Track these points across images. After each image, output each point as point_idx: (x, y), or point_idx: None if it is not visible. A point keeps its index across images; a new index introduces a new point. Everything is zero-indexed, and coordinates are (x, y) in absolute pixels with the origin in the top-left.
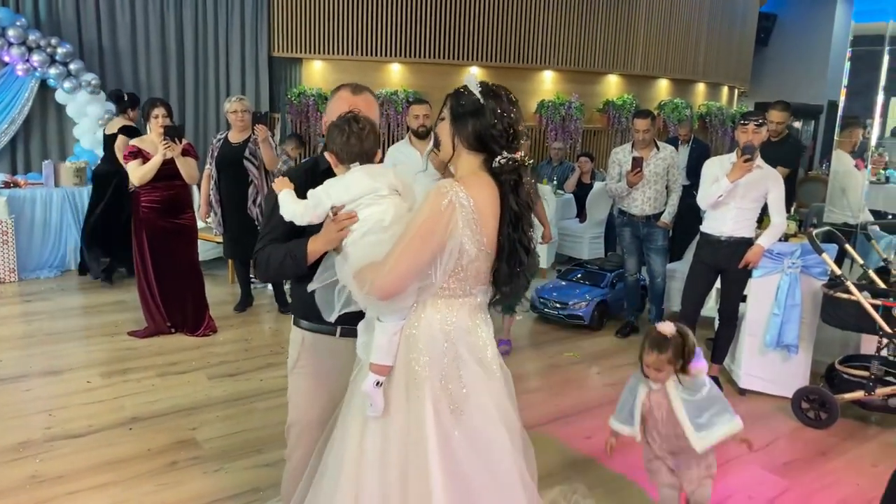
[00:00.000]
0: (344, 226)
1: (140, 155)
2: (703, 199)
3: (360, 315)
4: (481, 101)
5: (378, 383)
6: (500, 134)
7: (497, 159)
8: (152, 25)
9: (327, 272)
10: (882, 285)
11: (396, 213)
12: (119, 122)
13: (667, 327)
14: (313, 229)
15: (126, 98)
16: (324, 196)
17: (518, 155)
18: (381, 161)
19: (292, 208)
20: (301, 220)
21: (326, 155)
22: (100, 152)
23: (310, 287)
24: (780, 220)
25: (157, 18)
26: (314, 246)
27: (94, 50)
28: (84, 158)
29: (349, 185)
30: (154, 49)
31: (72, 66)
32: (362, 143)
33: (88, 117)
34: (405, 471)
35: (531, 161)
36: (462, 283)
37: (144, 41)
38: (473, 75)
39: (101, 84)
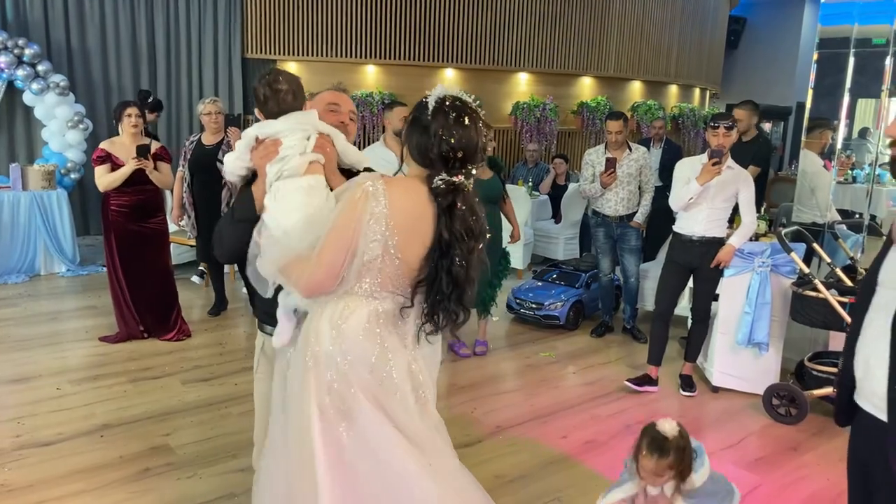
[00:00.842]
0: (268, 150)
1: (108, 160)
2: (674, 200)
3: None
4: (430, 118)
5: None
6: (438, 156)
7: (434, 180)
8: (122, 26)
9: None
10: (849, 283)
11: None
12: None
13: (668, 426)
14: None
15: (150, 100)
16: (250, 131)
17: (456, 178)
18: None
19: (231, 157)
20: (236, 163)
21: (256, 113)
22: (69, 154)
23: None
24: (750, 219)
25: (127, 19)
26: (257, 190)
27: (62, 51)
28: (53, 161)
29: (272, 123)
30: (124, 50)
31: (40, 68)
32: (296, 99)
33: (57, 119)
34: (293, 466)
35: (470, 184)
36: (366, 282)
37: (114, 42)
38: (441, 88)
39: (69, 85)
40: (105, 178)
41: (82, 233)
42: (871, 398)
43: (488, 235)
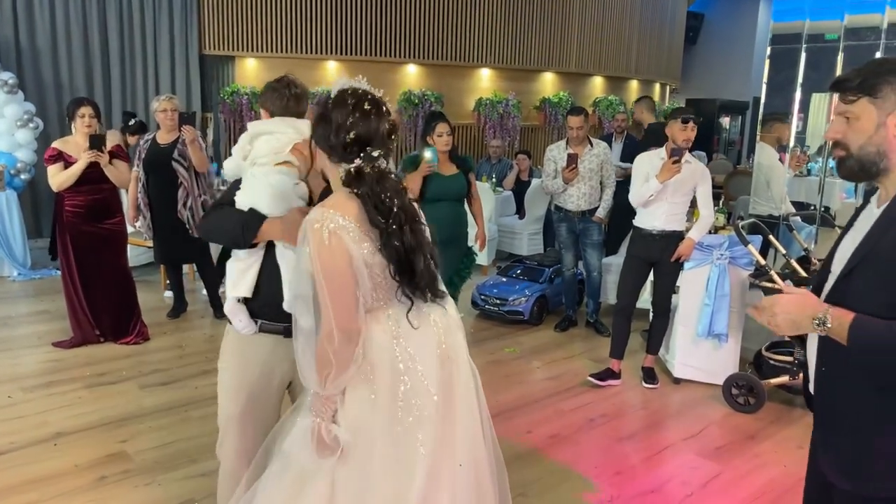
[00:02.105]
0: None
1: (61, 158)
2: (634, 197)
3: (280, 310)
4: (330, 109)
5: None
6: (339, 144)
7: (340, 173)
8: (74, 22)
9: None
10: (803, 274)
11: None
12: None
13: None
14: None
15: (132, 123)
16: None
17: (352, 165)
18: None
19: (230, 162)
20: (235, 166)
21: (262, 110)
22: (19, 154)
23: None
24: (708, 212)
25: (78, 15)
26: (269, 226)
27: (10, 48)
28: (2, 162)
29: (266, 123)
30: (76, 47)
31: None
32: (299, 105)
33: (5, 118)
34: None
35: (376, 165)
36: (385, 292)
37: (65, 39)
38: (342, 80)
39: (18, 84)
40: (58, 178)
41: (34, 235)
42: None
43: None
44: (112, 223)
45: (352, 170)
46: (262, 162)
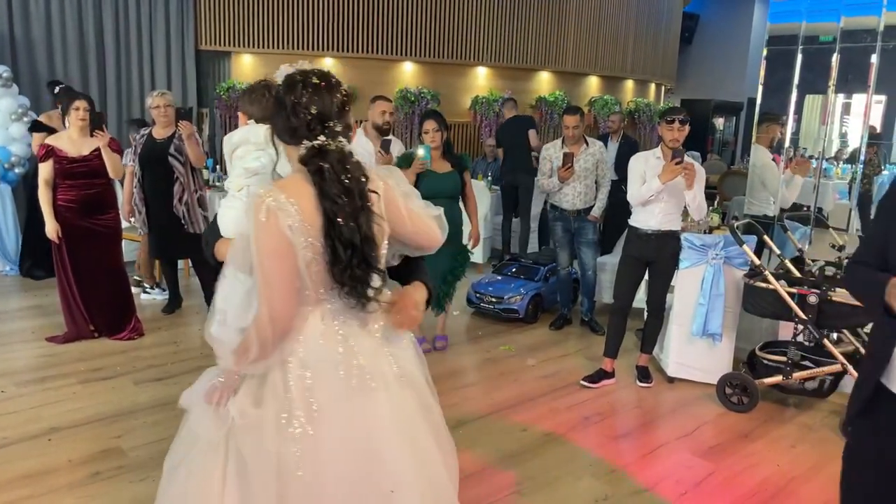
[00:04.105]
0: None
1: (53, 154)
2: (633, 197)
3: None
4: (282, 94)
5: None
6: (297, 124)
7: (301, 150)
8: (69, 15)
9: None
10: (797, 274)
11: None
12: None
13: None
14: None
15: (57, 90)
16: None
17: (317, 141)
18: None
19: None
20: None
21: (240, 114)
22: (13, 148)
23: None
24: (701, 206)
25: (73, 8)
26: (220, 246)
27: (5, 41)
28: None
29: (244, 132)
30: (71, 41)
31: None
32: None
33: (0, 112)
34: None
35: (339, 143)
36: (308, 290)
37: (60, 32)
38: (284, 69)
39: (12, 77)
40: (41, 184)
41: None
42: None
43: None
44: (106, 218)
45: (315, 145)
46: (233, 180)
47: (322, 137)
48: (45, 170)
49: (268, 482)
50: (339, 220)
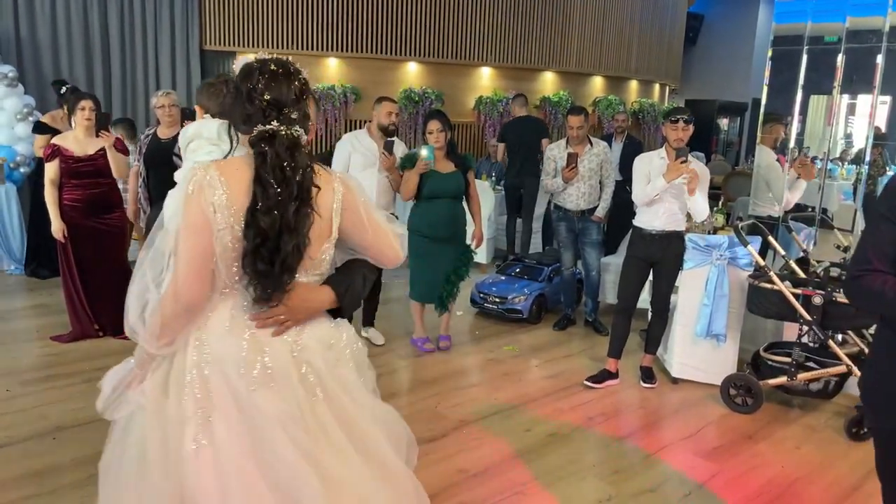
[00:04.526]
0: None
1: (59, 154)
2: (639, 196)
3: None
4: (238, 83)
5: None
6: (252, 111)
7: (253, 132)
8: (74, 15)
9: None
10: (802, 275)
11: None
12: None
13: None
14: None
15: (63, 90)
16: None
17: (269, 126)
18: None
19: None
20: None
21: (197, 108)
22: (18, 148)
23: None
24: (704, 206)
25: (79, 8)
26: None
27: (10, 41)
28: (1, 155)
29: (199, 125)
30: (77, 40)
31: None
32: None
33: (5, 111)
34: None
35: (294, 131)
36: (222, 276)
37: (66, 32)
38: (242, 60)
39: (18, 77)
40: (47, 184)
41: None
42: None
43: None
44: (111, 218)
45: (267, 130)
46: (183, 173)
47: (275, 123)
48: (51, 169)
49: (168, 471)
50: (259, 205)
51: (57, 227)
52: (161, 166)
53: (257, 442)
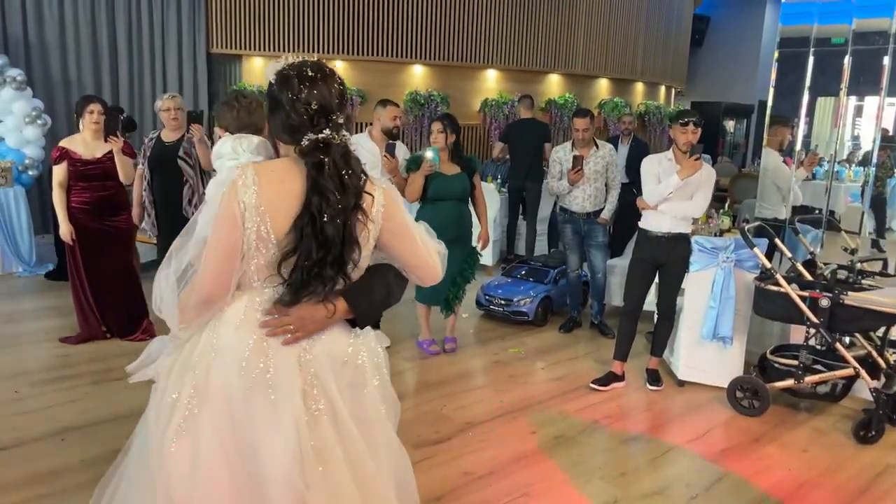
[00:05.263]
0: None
1: (67, 156)
2: (651, 196)
3: None
4: (277, 91)
5: None
6: (299, 120)
7: (300, 143)
8: (82, 19)
9: None
10: (809, 277)
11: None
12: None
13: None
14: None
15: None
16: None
17: (321, 135)
18: None
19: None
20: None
21: (217, 129)
22: (27, 151)
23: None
24: (698, 207)
25: (87, 12)
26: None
27: (19, 45)
28: (10, 158)
29: (222, 144)
30: (84, 44)
31: None
32: (250, 116)
33: (14, 115)
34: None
35: (343, 137)
36: (246, 274)
37: (74, 36)
38: (273, 67)
39: (27, 80)
40: (55, 186)
41: (41, 231)
42: None
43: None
44: (118, 220)
45: (320, 138)
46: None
47: (326, 131)
48: (59, 172)
49: (157, 444)
50: (324, 216)
51: (65, 230)
52: (165, 169)
53: (237, 453)
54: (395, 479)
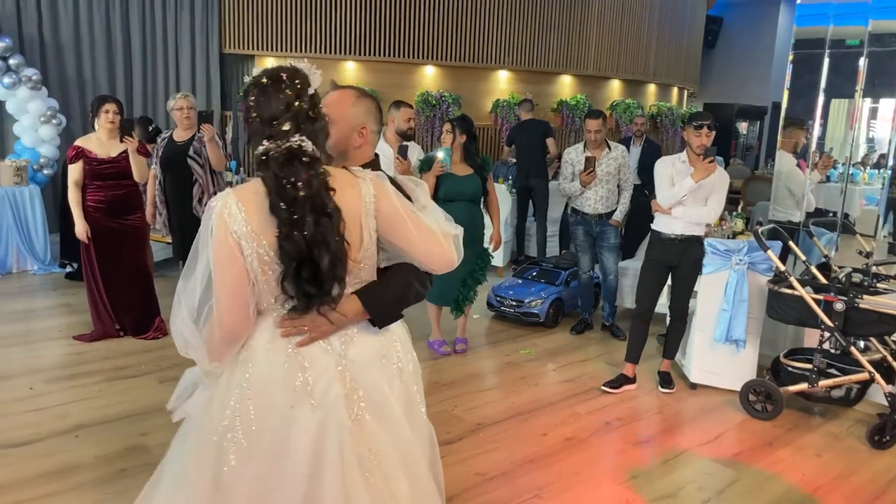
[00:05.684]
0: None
1: (83, 156)
2: (666, 198)
3: None
4: (243, 96)
5: None
6: (250, 131)
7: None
8: (97, 19)
9: None
10: (823, 280)
11: None
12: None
13: None
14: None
15: (151, 129)
16: None
17: (261, 148)
18: None
19: None
20: None
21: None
22: (42, 150)
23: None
24: (712, 211)
25: (101, 12)
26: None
27: (35, 45)
28: (25, 157)
29: None
30: (99, 44)
31: (12, 62)
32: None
33: (29, 114)
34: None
35: (290, 143)
36: (261, 298)
37: (89, 36)
38: (257, 69)
39: (42, 80)
40: (71, 185)
41: (55, 230)
42: None
43: (458, 232)
44: (133, 219)
45: (259, 153)
46: None
47: (266, 143)
48: (75, 171)
49: (202, 484)
50: (292, 229)
51: (81, 229)
52: (177, 168)
53: (279, 471)
54: (429, 456)
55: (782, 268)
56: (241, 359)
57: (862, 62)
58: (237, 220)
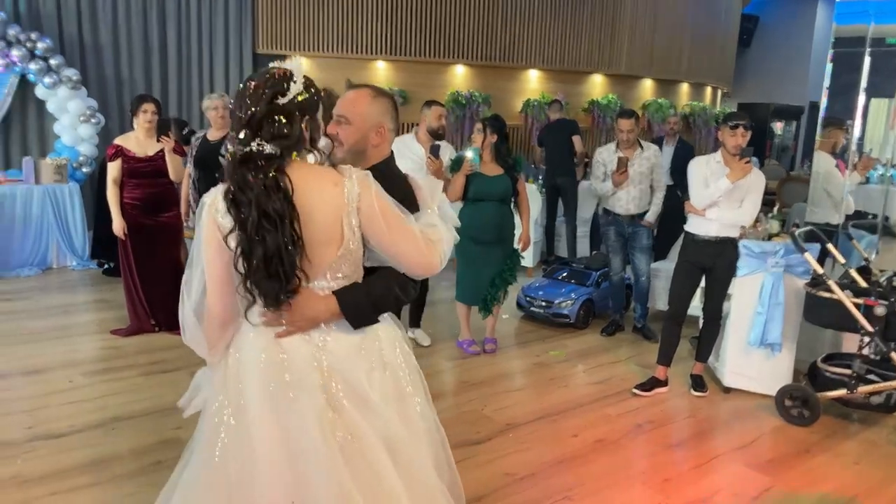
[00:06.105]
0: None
1: (121, 154)
2: (699, 199)
3: None
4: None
5: None
6: (238, 127)
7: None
8: (134, 20)
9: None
10: (863, 284)
11: None
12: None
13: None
14: None
15: (185, 132)
16: None
17: (234, 148)
18: None
19: None
20: None
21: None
22: (81, 148)
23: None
24: (747, 214)
25: (139, 13)
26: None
27: (74, 45)
28: (65, 155)
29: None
30: (136, 44)
31: (52, 62)
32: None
33: (69, 113)
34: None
35: (251, 148)
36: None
37: (126, 36)
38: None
39: (81, 80)
40: (109, 183)
41: (93, 227)
42: None
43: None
44: (168, 216)
45: (230, 153)
46: None
47: (229, 146)
48: (114, 169)
49: (207, 460)
50: (241, 230)
51: (118, 225)
52: (211, 167)
53: (278, 453)
54: (432, 455)
55: (820, 270)
56: (233, 345)
57: None
58: (223, 214)
